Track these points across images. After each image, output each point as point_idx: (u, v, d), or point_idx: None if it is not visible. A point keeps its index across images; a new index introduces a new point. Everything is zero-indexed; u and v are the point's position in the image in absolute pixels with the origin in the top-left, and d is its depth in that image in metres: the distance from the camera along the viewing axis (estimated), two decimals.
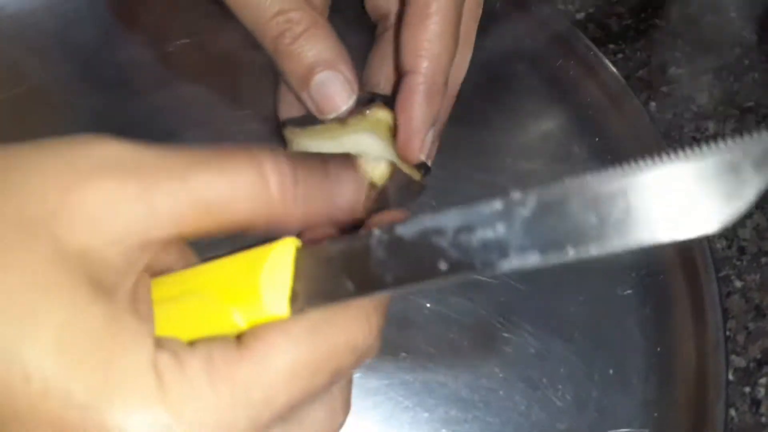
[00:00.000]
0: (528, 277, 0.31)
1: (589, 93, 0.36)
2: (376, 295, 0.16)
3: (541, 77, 0.36)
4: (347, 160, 0.21)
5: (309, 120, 0.28)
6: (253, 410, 0.16)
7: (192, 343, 0.16)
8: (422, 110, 0.26)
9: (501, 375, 0.29)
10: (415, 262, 0.15)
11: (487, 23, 0.35)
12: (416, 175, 0.28)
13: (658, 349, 0.30)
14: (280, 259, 0.17)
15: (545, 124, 0.35)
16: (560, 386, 0.29)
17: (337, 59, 0.26)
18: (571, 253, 0.14)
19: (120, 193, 0.16)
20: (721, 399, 0.28)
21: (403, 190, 0.27)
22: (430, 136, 0.28)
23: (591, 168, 0.35)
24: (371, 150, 0.28)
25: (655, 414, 0.29)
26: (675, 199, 0.13)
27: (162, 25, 0.33)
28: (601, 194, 0.14)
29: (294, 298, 0.17)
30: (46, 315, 0.15)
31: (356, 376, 0.28)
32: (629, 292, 0.31)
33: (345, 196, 0.20)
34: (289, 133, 0.28)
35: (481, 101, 0.35)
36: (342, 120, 0.27)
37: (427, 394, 0.29)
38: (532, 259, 0.14)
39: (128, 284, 0.16)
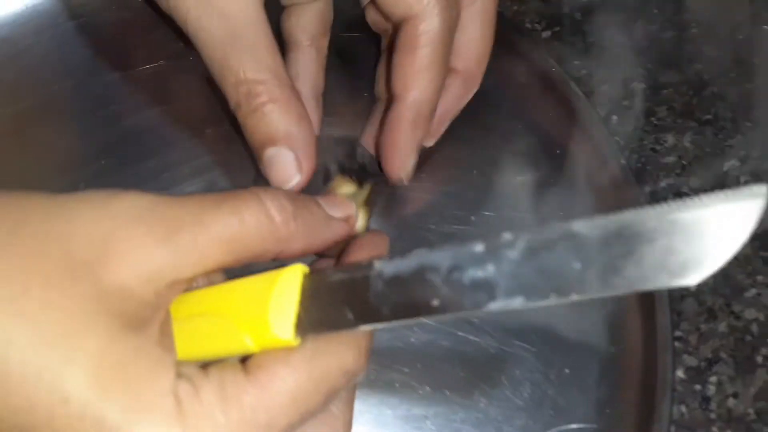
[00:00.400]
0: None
1: (552, 107, 0.38)
2: (372, 327, 0.18)
3: (507, 93, 0.38)
4: (335, 197, 0.25)
5: None
6: (259, 431, 0.18)
7: (205, 369, 0.19)
8: (406, 137, 0.29)
9: (462, 374, 0.31)
10: (410, 298, 0.17)
11: None
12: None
13: (612, 350, 0.32)
14: (287, 286, 0.19)
15: (509, 136, 0.37)
16: (518, 385, 0.31)
17: (289, 135, 0.26)
18: (553, 299, 0.15)
19: (150, 239, 0.18)
20: (667, 397, 0.30)
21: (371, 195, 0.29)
22: (412, 159, 0.30)
23: (553, 181, 0.36)
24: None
25: (607, 411, 0.31)
26: (658, 252, 0.14)
27: (145, 47, 0.35)
28: (586, 241, 0.15)
29: (299, 324, 0.19)
30: (85, 344, 0.17)
31: None
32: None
33: (337, 218, 0.23)
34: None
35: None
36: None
37: (390, 392, 0.30)
38: (517, 302, 0.15)
39: (158, 319, 0.19)
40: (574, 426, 0.31)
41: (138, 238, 0.18)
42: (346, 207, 0.24)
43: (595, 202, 0.35)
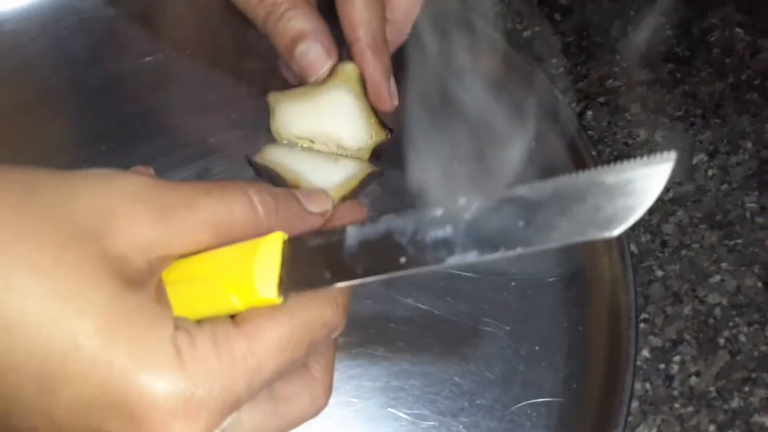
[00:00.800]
0: (466, 266, 0.35)
1: (529, 103, 0.40)
2: (347, 284, 0.20)
3: (486, 89, 0.40)
4: (309, 189, 0.28)
5: None
6: (249, 375, 0.20)
7: (199, 322, 0.21)
8: (375, 67, 0.33)
9: (437, 349, 0.33)
10: (380, 257, 0.19)
11: (440, 42, 0.40)
12: (382, 135, 0.34)
13: (580, 328, 0.34)
14: (269, 251, 0.21)
15: (488, 130, 0.39)
16: (491, 361, 0.33)
17: (315, 31, 0.31)
18: (501, 252, 0.17)
19: (146, 216, 0.20)
20: (630, 372, 0.32)
21: (366, 179, 0.33)
22: (392, 84, 0.34)
23: (528, 172, 0.38)
24: (345, 105, 0.33)
25: (574, 386, 0.33)
26: (587, 209, 0.16)
27: (144, 41, 0.37)
28: (528, 203, 0.17)
29: (281, 284, 0.21)
30: (94, 298, 0.19)
31: None
32: (554, 278, 0.35)
33: (313, 213, 0.25)
34: (272, 98, 0.33)
35: (433, 108, 0.39)
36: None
37: (371, 365, 0.32)
38: (472, 256, 0.18)
39: (152, 282, 0.21)
40: (542, 399, 0.32)
41: (136, 214, 0.20)
42: (322, 202, 0.26)
43: None
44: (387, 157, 0.35)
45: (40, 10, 0.36)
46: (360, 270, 0.20)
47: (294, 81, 0.34)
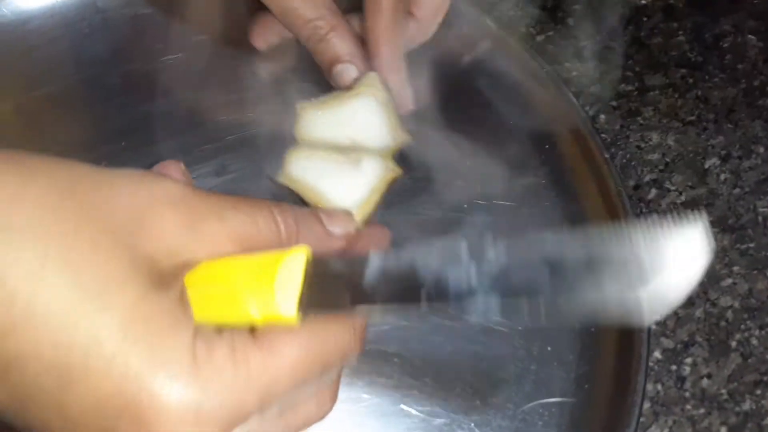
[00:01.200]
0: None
1: (543, 105, 0.40)
2: (367, 311, 0.20)
3: (501, 91, 0.40)
4: (332, 210, 0.29)
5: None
6: (262, 391, 0.20)
7: (219, 332, 0.21)
8: (395, 78, 0.35)
9: (450, 348, 0.33)
10: (401, 290, 0.19)
11: (455, 45, 0.40)
12: (405, 139, 0.35)
13: (592, 329, 0.34)
14: (292, 266, 0.21)
15: (502, 132, 0.40)
16: (503, 360, 0.33)
17: (351, 54, 0.35)
18: (523, 315, 0.18)
19: (178, 221, 0.21)
20: (642, 373, 0.32)
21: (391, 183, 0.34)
22: (409, 89, 0.36)
23: (541, 174, 0.38)
24: (370, 112, 0.35)
25: (586, 386, 0.33)
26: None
27: (165, 40, 0.38)
28: (557, 256, 0.17)
29: (301, 302, 0.21)
30: (120, 298, 0.19)
31: None
32: None
33: (335, 235, 0.25)
34: (300, 107, 0.35)
35: (447, 110, 0.39)
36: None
37: (384, 364, 0.33)
38: (493, 301, 0.18)
39: (177, 286, 0.21)
40: (554, 400, 0.33)
41: (168, 218, 0.21)
42: (345, 224, 0.26)
43: (580, 195, 0.38)
44: (402, 161, 0.35)
45: (65, 9, 0.37)
46: (379, 299, 0.20)
47: (262, 45, 0.37)
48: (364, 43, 0.36)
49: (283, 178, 0.33)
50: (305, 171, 0.34)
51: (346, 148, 0.34)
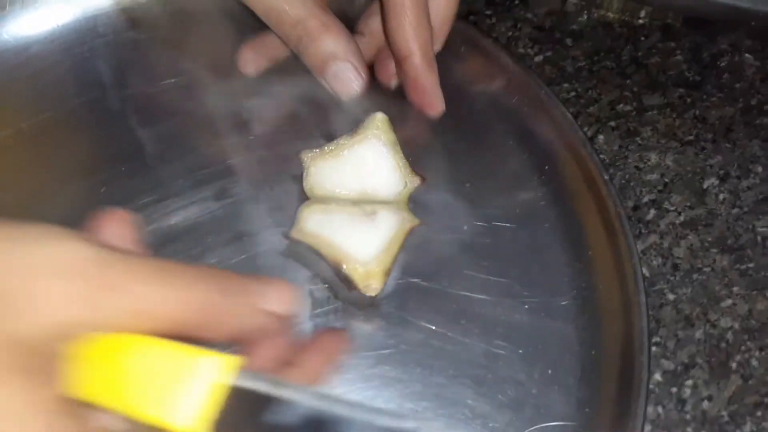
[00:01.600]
0: (479, 288, 0.35)
1: (541, 126, 0.40)
2: None
3: (500, 113, 0.41)
4: (273, 282, 0.24)
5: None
6: None
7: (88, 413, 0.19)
8: (429, 78, 0.34)
9: (450, 372, 0.33)
10: None
11: (453, 65, 0.40)
12: (416, 182, 0.35)
13: (593, 352, 0.34)
14: (205, 374, 0.18)
15: (501, 153, 0.40)
16: (503, 384, 0.33)
17: (346, 51, 0.32)
18: None
19: (70, 294, 0.18)
20: (642, 396, 0.32)
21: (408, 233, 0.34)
22: (440, 92, 0.35)
23: (540, 195, 0.38)
24: (378, 156, 0.35)
25: (587, 410, 0.33)
26: None
27: (164, 65, 0.38)
28: None
29: (204, 416, 0.18)
30: None
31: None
32: (567, 302, 0.35)
33: (269, 313, 0.22)
34: (306, 158, 0.34)
35: (445, 132, 0.39)
36: (351, 133, 0.34)
37: (384, 388, 0.33)
38: None
39: (49, 369, 0.18)
40: (555, 423, 0.33)
41: (54, 292, 0.18)
42: (283, 301, 0.23)
43: (579, 216, 0.38)
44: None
45: (65, 34, 0.38)
46: None
47: (252, 71, 0.36)
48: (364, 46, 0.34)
49: (298, 233, 0.33)
50: (320, 226, 0.33)
51: (360, 200, 0.35)
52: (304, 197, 0.35)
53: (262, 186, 0.36)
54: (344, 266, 0.33)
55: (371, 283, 0.33)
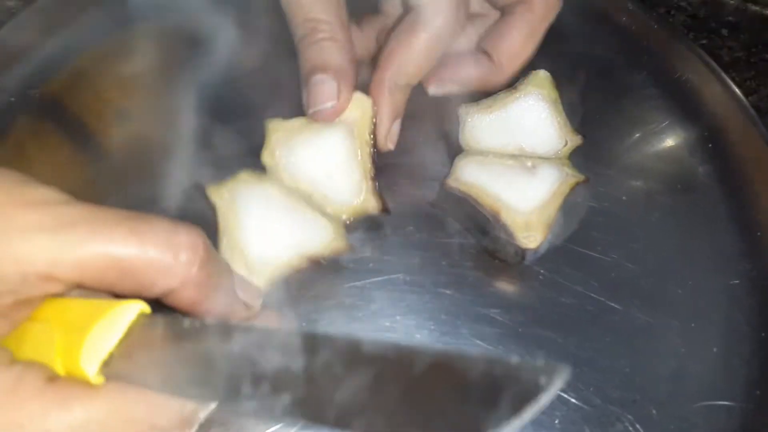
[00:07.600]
0: (637, 258, 0.34)
1: (707, 100, 0.39)
2: (184, 396, 0.17)
3: (659, 87, 0.39)
4: (247, 282, 0.24)
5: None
6: None
7: (13, 362, 0.18)
8: (385, 106, 0.32)
9: (607, 339, 0.32)
10: (228, 381, 0.17)
11: (613, 37, 0.40)
12: (577, 141, 0.34)
13: (762, 334, 0.32)
14: (116, 320, 0.18)
15: (659, 129, 0.38)
16: (663, 357, 0.31)
17: (338, 68, 0.30)
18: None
19: (38, 226, 0.18)
20: None
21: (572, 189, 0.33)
22: (395, 127, 0.33)
23: (704, 172, 0.36)
24: (538, 112, 0.34)
25: (758, 392, 0.31)
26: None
27: None
28: None
29: (109, 361, 0.18)
30: None
31: None
32: (737, 282, 0.33)
33: (237, 306, 0.22)
34: (463, 110, 0.34)
35: (598, 106, 0.38)
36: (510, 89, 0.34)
37: (537, 347, 0.31)
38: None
39: (8, 301, 0.18)
40: (721, 402, 0.30)
41: (25, 221, 0.18)
42: (251, 297, 0.23)
43: (748, 195, 0.36)
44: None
45: None
46: (198, 393, 0.17)
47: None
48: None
49: (454, 182, 0.33)
50: (477, 175, 0.33)
51: (518, 155, 0.34)
52: (458, 150, 0.34)
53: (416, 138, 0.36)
54: (502, 215, 0.32)
55: (531, 234, 0.31)
